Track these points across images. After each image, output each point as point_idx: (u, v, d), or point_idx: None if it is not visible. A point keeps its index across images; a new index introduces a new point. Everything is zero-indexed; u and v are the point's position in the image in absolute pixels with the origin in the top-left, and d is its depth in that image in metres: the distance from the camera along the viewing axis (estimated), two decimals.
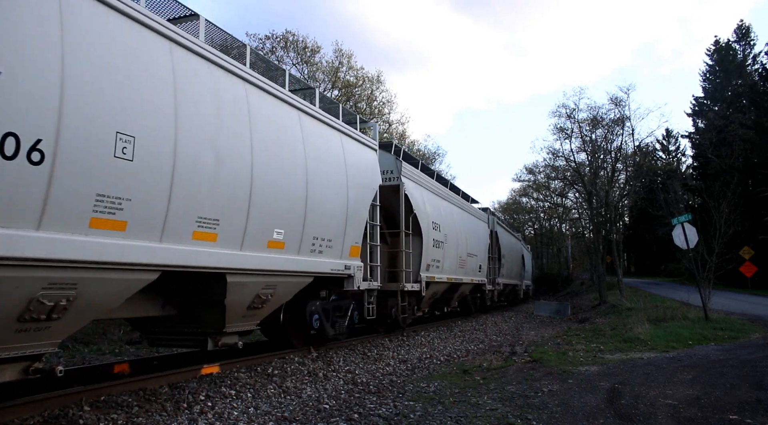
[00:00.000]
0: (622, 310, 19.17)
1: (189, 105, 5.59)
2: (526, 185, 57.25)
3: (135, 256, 4.94)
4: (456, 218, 16.42)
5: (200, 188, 5.71)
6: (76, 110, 4.33)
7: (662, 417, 5.32)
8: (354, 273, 9.42)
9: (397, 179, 12.12)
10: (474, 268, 18.09)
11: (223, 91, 6.23)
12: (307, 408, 5.99)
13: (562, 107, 30.10)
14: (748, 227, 28.75)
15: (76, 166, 4.33)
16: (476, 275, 18.48)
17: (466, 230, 17.23)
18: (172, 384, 6.54)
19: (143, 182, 4.97)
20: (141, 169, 4.93)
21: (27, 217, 4.04)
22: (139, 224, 4.97)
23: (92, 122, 4.48)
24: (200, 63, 5.98)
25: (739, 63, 46.57)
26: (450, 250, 15.06)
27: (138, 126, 4.93)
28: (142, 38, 5.16)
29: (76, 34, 4.41)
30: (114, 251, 4.72)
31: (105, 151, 4.58)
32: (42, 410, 5.15)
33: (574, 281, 53.06)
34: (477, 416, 5.49)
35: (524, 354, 9.96)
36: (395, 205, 12.13)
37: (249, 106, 6.65)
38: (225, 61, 6.38)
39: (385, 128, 33.87)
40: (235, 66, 6.57)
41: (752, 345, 10.63)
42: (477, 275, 18.58)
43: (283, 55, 29.03)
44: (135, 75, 4.98)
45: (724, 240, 16.92)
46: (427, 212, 13.45)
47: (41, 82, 4.10)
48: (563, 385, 6.88)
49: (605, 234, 28.61)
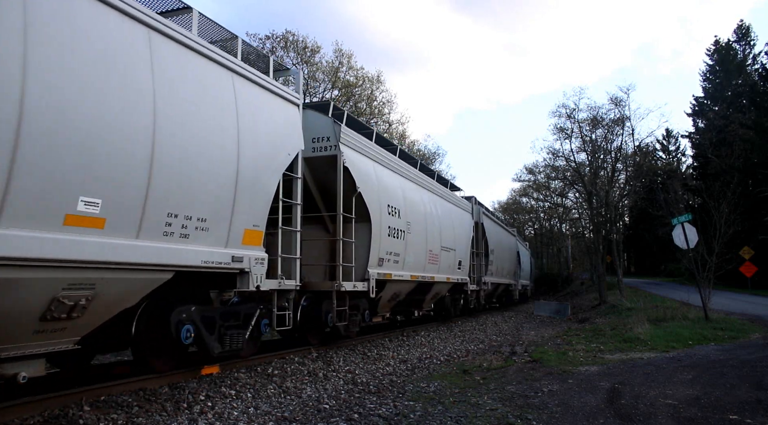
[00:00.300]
0: (622, 310, 19.18)
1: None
2: (526, 185, 57.38)
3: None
4: (426, 203, 13.83)
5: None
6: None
7: (662, 417, 5.32)
8: (251, 268, 6.99)
9: (334, 148, 9.62)
10: (451, 264, 15.42)
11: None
12: (307, 408, 5.99)
13: (562, 106, 30.19)
14: (748, 227, 28.73)
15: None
16: (454, 272, 15.82)
17: (439, 219, 14.55)
18: (172, 384, 6.53)
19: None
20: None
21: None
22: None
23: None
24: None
25: (739, 63, 46.57)
26: (416, 241, 12.53)
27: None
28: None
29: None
30: None
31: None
32: (42, 410, 5.15)
33: (574, 281, 53.11)
34: (477, 416, 5.49)
35: (524, 354, 9.96)
36: (334, 181, 9.71)
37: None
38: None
39: (385, 127, 33.89)
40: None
41: (752, 345, 10.63)
42: (456, 273, 15.94)
43: (283, 55, 29.05)
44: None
45: (724, 240, 16.92)
46: (380, 193, 10.85)
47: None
48: (563, 385, 6.88)
49: (605, 234, 28.63)
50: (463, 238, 16.97)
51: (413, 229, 12.40)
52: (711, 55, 48.74)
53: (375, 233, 10.39)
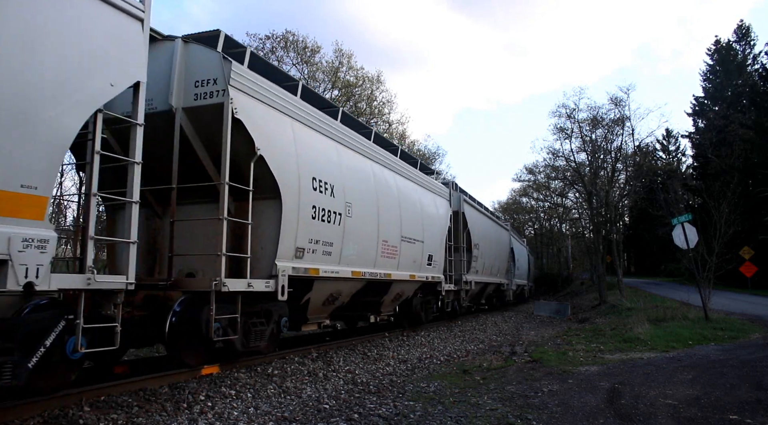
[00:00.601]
0: (622, 310, 19.18)
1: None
2: (526, 185, 57.44)
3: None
4: (380, 182, 11.19)
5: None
6: None
7: (662, 417, 5.32)
8: (12, 255, 4.38)
9: (221, 94, 7.04)
10: (417, 259, 12.87)
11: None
12: (307, 408, 5.99)
13: (562, 106, 30.25)
14: (748, 227, 28.73)
15: None
16: (422, 269, 13.22)
17: (400, 203, 11.94)
18: (172, 384, 6.54)
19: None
20: None
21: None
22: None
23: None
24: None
25: (739, 63, 46.60)
26: (360, 229, 9.96)
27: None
28: None
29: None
30: None
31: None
32: (42, 410, 5.16)
33: (574, 281, 53.13)
34: (477, 416, 5.49)
35: (524, 354, 9.96)
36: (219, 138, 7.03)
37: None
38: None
39: (385, 127, 33.90)
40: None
41: (752, 345, 10.63)
42: (424, 270, 13.35)
43: (283, 55, 29.08)
44: None
45: (724, 240, 16.94)
46: (300, 160, 8.27)
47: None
48: (563, 385, 6.88)
49: (605, 234, 28.65)
50: (436, 228, 14.31)
51: (356, 212, 9.75)
52: (711, 55, 48.76)
53: (288, 213, 7.78)
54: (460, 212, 17.31)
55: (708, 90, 48.78)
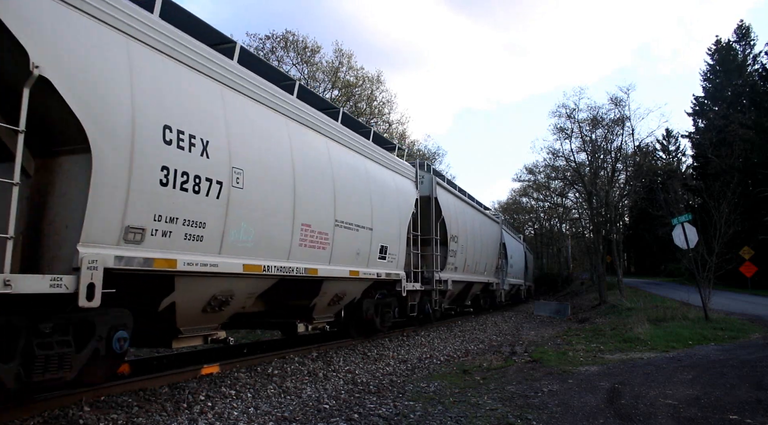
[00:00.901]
0: (622, 310, 19.18)
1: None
2: (526, 185, 57.47)
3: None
4: (298, 146, 8.17)
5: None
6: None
7: (662, 417, 5.33)
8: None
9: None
10: (363, 251, 10.13)
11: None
12: (307, 408, 6.00)
13: (562, 106, 30.21)
14: (748, 227, 28.75)
15: None
16: (372, 264, 10.50)
17: (332, 177, 9.06)
18: (172, 384, 6.54)
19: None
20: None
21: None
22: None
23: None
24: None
25: (739, 63, 46.60)
26: (261, 205, 7.10)
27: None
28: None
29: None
30: None
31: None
32: (42, 410, 5.15)
33: (574, 281, 53.12)
34: (477, 416, 5.49)
35: (524, 354, 9.96)
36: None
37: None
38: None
39: (385, 127, 33.90)
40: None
41: (752, 345, 10.63)
42: (375, 265, 10.61)
43: (283, 55, 29.08)
44: None
45: (724, 240, 16.93)
46: (129, 93, 5.34)
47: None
48: (563, 385, 6.88)
49: (605, 234, 28.64)
50: (394, 214, 11.59)
51: (251, 182, 6.86)
52: (711, 55, 48.75)
53: (107, 173, 4.98)
54: (432, 197, 14.18)
55: (708, 90, 48.78)
